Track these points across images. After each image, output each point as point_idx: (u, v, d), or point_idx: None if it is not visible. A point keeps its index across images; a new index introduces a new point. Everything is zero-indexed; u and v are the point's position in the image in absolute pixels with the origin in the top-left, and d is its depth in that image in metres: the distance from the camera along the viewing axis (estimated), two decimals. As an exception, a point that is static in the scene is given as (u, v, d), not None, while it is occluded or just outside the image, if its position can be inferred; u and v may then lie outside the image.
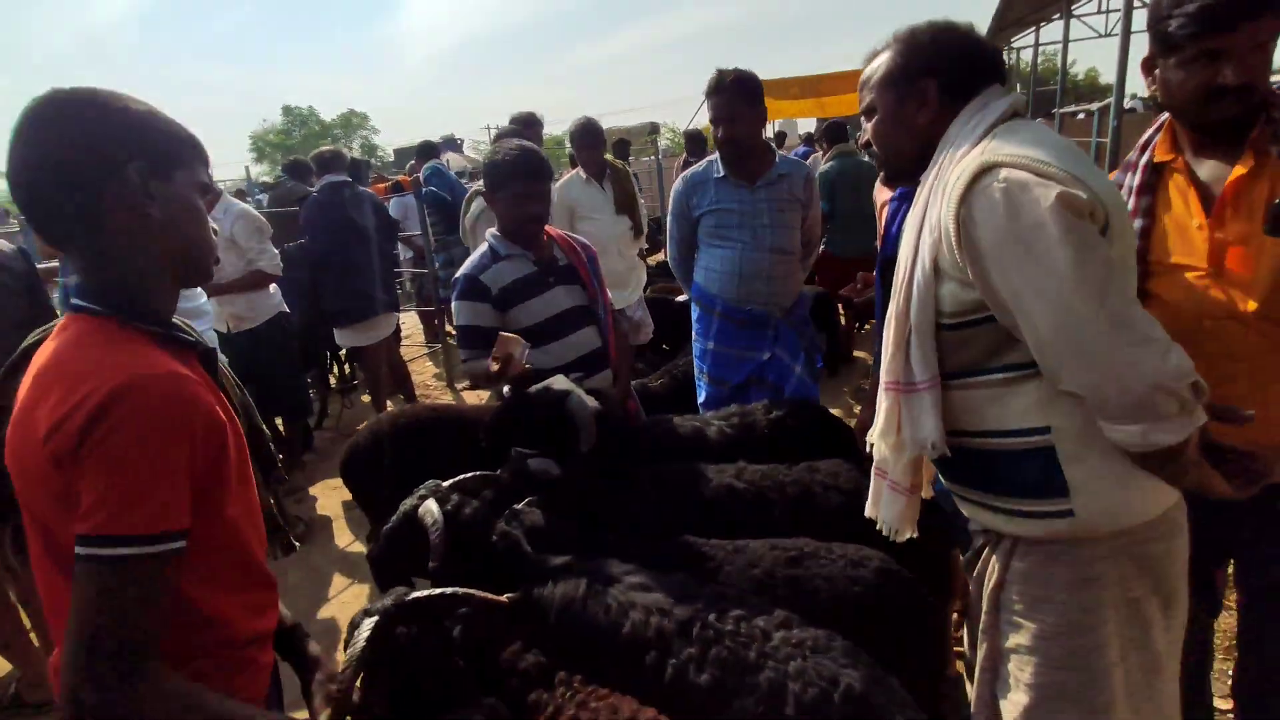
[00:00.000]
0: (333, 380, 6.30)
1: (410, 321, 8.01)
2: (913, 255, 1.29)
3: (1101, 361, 1.10)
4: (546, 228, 2.57)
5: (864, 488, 2.00)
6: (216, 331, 4.10)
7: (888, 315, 1.37)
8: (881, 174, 1.58)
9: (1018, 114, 1.29)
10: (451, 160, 14.51)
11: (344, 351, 5.94)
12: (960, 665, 2.15)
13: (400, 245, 8.98)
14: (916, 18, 1.42)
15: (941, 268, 1.24)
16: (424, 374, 6.86)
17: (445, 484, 1.75)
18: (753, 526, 1.93)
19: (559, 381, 2.13)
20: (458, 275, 2.42)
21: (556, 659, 1.44)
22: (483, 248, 2.45)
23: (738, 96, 2.67)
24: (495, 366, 2.04)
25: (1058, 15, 12.23)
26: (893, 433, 1.38)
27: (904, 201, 2.11)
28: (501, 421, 2.15)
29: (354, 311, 4.73)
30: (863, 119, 1.50)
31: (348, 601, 3.37)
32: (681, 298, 3.24)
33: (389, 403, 5.47)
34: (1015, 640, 1.33)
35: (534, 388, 2.11)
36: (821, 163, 5.93)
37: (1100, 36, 13.16)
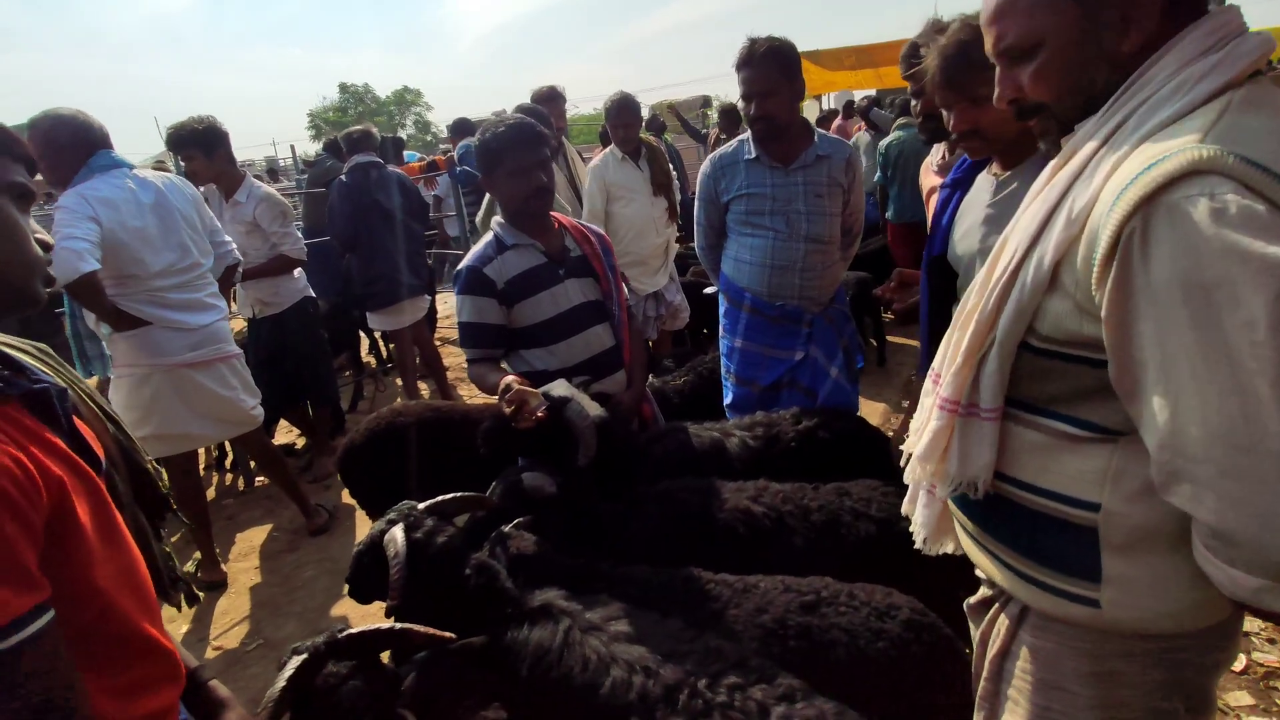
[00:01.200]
0: (373, 363, 6.29)
1: (455, 303, 7.90)
2: (1028, 244, 0.95)
3: (1261, 501, 0.77)
4: (559, 216, 2.37)
5: (900, 516, 1.77)
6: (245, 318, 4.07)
7: (962, 316, 1.07)
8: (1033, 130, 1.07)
9: (1260, 72, 0.87)
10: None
11: (379, 334, 5.89)
12: None
13: (444, 225, 8.98)
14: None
15: (1062, 277, 0.91)
16: (461, 356, 6.76)
17: (421, 506, 1.58)
18: (770, 558, 1.73)
19: (559, 386, 1.94)
20: (459, 267, 2.25)
21: (523, 717, 1.26)
22: (487, 237, 2.27)
23: (772, 68, 2.39)
24: (508, 410, 1.83)
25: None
26: (935, 459, 1.13)
27: (957, 189, 1.84)
28: (496, 429, 1.97)
29: (379, 296, 4.64)
30: (999, 67, 1.02)
31: (363, 597, 3.27)
32: (710, 289, 3.00)
33: (422, 387, 5.39)
34: None
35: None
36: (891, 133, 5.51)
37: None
